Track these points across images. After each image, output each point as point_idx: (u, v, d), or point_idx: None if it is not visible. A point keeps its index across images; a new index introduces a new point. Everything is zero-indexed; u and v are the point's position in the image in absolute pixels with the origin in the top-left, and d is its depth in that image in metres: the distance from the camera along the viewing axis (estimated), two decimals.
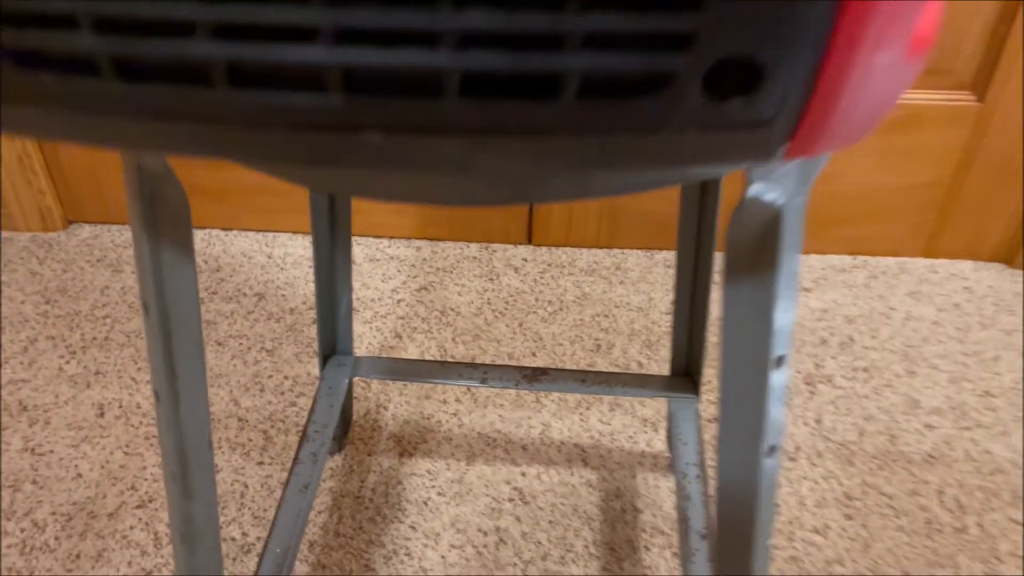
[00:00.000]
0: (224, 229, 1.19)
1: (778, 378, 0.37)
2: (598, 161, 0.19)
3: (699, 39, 0.17)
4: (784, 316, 0.36)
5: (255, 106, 0.19)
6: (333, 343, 0.81)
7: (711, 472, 0.83)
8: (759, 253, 0.33)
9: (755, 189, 0.32)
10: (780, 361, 0.37)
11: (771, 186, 0.32)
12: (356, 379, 0.97)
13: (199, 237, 1.17)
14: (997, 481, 0.89)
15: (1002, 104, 1.03)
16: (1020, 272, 1.15)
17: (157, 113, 0.19)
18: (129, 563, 0.80)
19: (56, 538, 0.82)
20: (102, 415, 0.93)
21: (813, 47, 0.18)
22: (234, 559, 0.80)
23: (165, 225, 0.37)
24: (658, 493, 0.87)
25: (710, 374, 0.98)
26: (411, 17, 0.17)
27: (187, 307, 0.39)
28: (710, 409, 0.94)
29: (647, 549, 0.82)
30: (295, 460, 0.74)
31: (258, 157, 0.20)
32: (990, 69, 1.01)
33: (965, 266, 1.16)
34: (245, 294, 1.09)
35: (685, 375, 0.81)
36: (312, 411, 0.78)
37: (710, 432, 0.91)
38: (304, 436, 0.76)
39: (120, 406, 0.94)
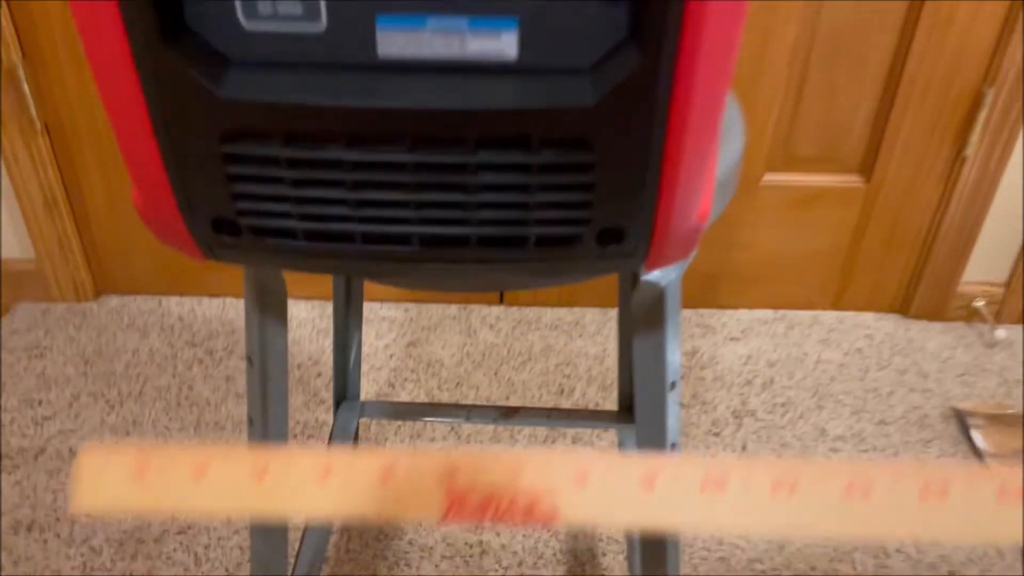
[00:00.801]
0: (237, 297, 1.36)
1: (673, 397, 0.57)
2: (543, 279, 0.38)
3: (593, 223, 0.37)
4: (673, 355, 0.55)
5: (375, 253, 0.38)
6: (344, 390, 0.99)
7: None
8: (653, 315, 0.53)
9: (646, 276, 0.52)
10: (674, 385, 0.57)
11: (656, 274, 0.51)
12: (362, 420, 1.15)
13: (216, 304, 1.35)
14: None
15: (885, 184, 1.25)
16: (912, 321, 1.37)
17: (329, 255, 0.38)
18: None
19: (112, 560, 0.97)
20: None
21: (648, 220, 0.38)
22: None
23: (268, 303, 0.55)
24: None
25: None
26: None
27: (278, 360, 0.57)
28: None
29: (603, 555, 1.00)
30: None
31: (373, 276, 0.39)
32: (873, 156, 1.24)
33: (867, 317, 1.38)
34: None
35: (629, 410, 1.00)
36: (329, 446, 0.96)
37: None
38: None
39: None
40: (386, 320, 1.34)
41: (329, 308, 1.35)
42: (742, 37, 1.13)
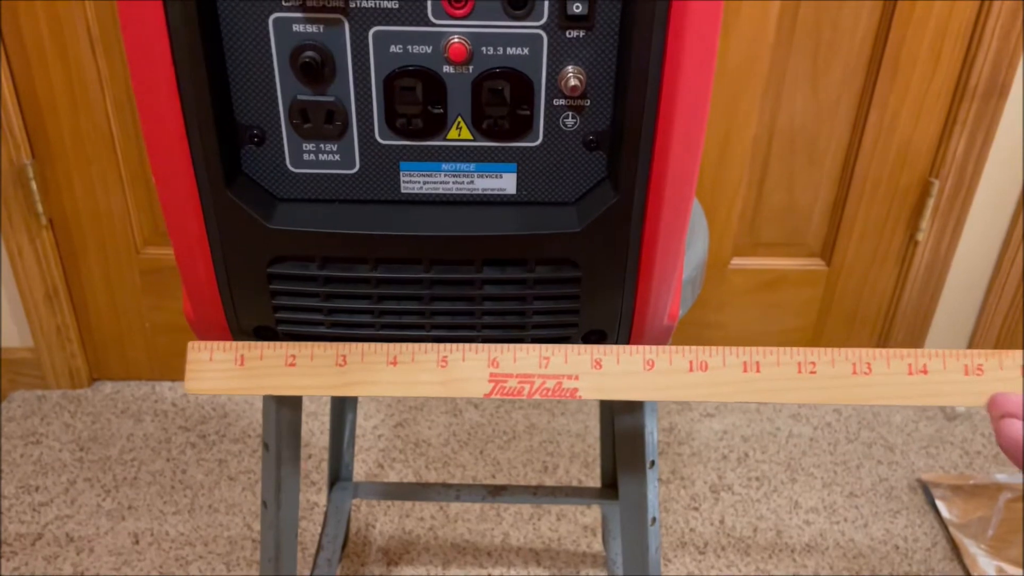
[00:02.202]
0: None
1: (652, 474, 0.63)
2: None
3: (580, 326, 0.44)
4: (651, 436, 0.61)
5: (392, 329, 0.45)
6: (338, 472, 1.04)
7: None
8: (632, 402, 0.59)
9: None
10: (652, 464, 0.62)
11: None
12: (353, 500, 1.19)
13: None
14: (859, 563, 1.13)
15: (844, 266, 1.34)
16: None
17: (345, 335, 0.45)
18: None
19: None
20: (137, 543, 1.12)
21: (627, 323, 0.45)
22: None
23: (283, 398, 0.61)
24: None
25: None
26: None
27: (293, 446, 0.63)
28: None
29: None
30: (314, 564, 0.95)
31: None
32: (832, 240, 1.33)
33: None
34: (250, 435, 1.30)
35: (612, 486, 1.05)
36: (324, 526, 1.00)
37: None
38: (320, 547, 0.97)
39: (152, 534, 1.13)
40: (374, 401, 1.38)
41: None
42: (703, 151, 1.22)
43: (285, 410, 0.60)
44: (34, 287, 1.28)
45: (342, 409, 1.00)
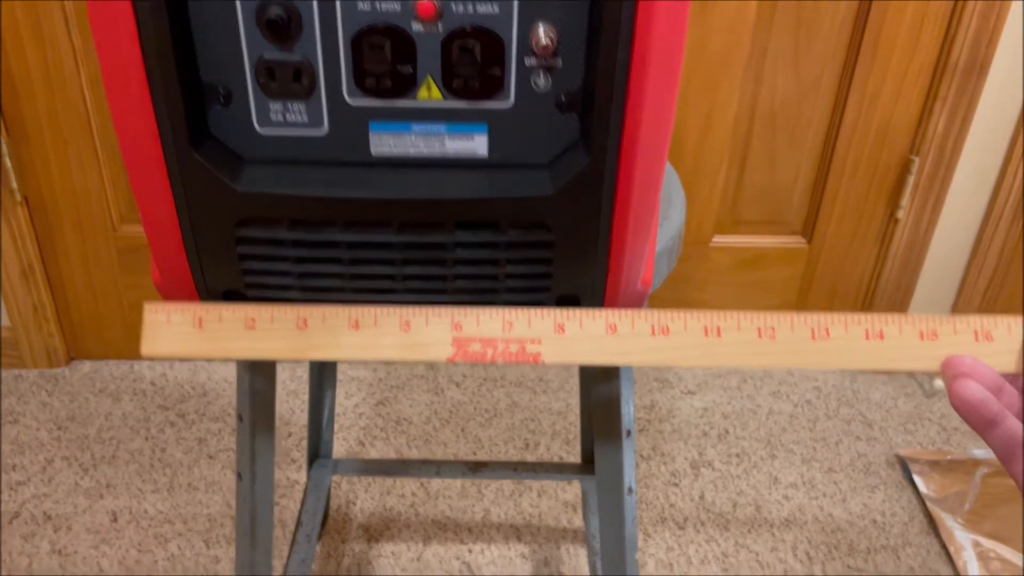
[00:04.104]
0: (207, 360, 1.40)
1: (628, 445, 0.63)
2: None
3: (553, 291, 0.44)
4: (627, 406, 0.61)
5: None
6: (317, 449, 1.03)
7: None
8: (608, 369, 0.59)
9: None
10: (629, 434, 0.62)
11: None
12: (333, 477, 1.18)
13: (187, 368, 1.38)
14: (837, 537, 1.15)
15: (825, 244, 1.35)
16: (856, 374, 1.45)
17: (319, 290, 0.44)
18: None
19: None
20: (115, 521, 1.12)
21: (600, 288, 0.45)
22: None
23: (258, 363, 0.60)
24: (578, 560, 1.09)
25: None
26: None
27: (267, 417, 0.62)
28: None
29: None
30: (293, 540, 0.95)
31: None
32: (813, 218, 1.33)
33: (815, 370, 1.45)
34: (229, 414, 1.30)
35: (592, 462, 1.05)
36: (303, 503, 0.99)
37: None
38: (299, 523, 0.97)
39: (131, 512, 1.13)
40: (355, 380, 1.38)
41: (299, 370, 1.39)
42: (675, 123, 1.22)
43: (259, 380, 0.60)
44: (9, 265, 1.27)
45: (321, 385, 0.99)
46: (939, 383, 1.41)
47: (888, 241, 1.34)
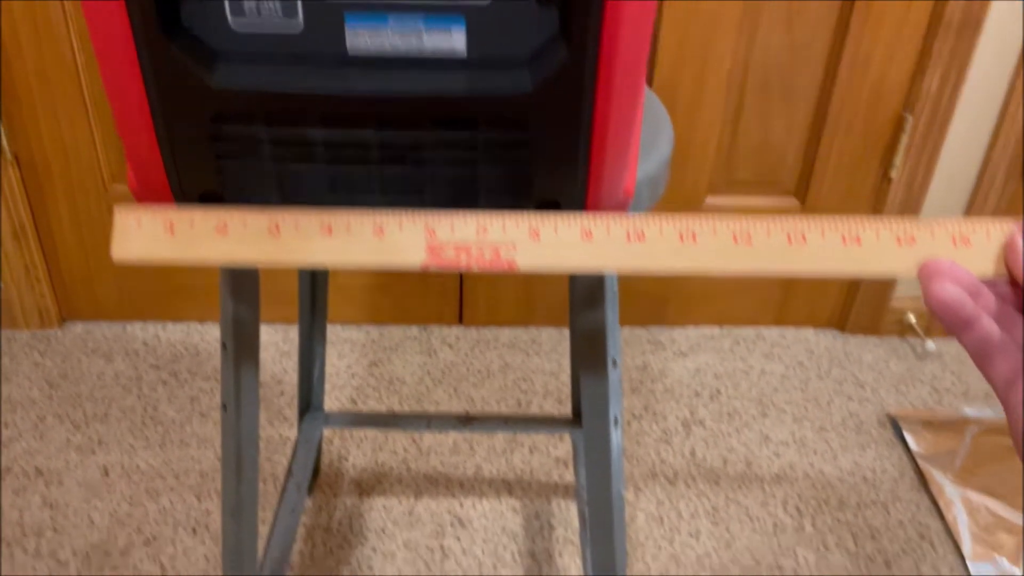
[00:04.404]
0: (200, 321, 1.40)
1: (614, 373, 0.63)
2: None
3: (532, 196, 0.43)
4: (613, 333, 0.61)
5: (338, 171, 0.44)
6: (308, 401, 1.03)
7: None
8: (593, 294, 0.59)
9: None
10: (615, 363, 0.62)
11: None
12: (324, 435, 1.18)
13: (180, 329, 1.38)
14: (827, 492, 1.15)
15: (819, 205, 1.34)
16: (849, 336, 1.45)
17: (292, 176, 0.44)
18: None
19: (78, 571, 0.99)
20: (107, 475, 1.12)
21: (581, 194, 0.44)
22: None
23: (242, 289, 0.60)
24: (569, 513, 1.10)
25: None
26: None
27: (250, 346, 0.62)
28: None
29: (560, 555, 1.04)
30: (283, 490, 0.95)
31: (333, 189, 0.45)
32: (806, 179, 1.33)
33: (807, 332, 1.45)
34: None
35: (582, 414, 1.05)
36: (294, 454, 0.99)
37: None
38: (289, 473, 0.97)
39: (122, 467, 1.13)
40: (348, 341, 1.38)
41: (291, 332, 1.39)
42: (668, 84, 1.21)
43: (242, 308, 0.60)
44: (1, 225, 1.26)
45: (311, 338, 0.99)
46: (931, 345, 1.41)
47: (881, 201, 1.33)
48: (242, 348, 0.61)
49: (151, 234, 0.42)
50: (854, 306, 1.43)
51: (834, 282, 1.42)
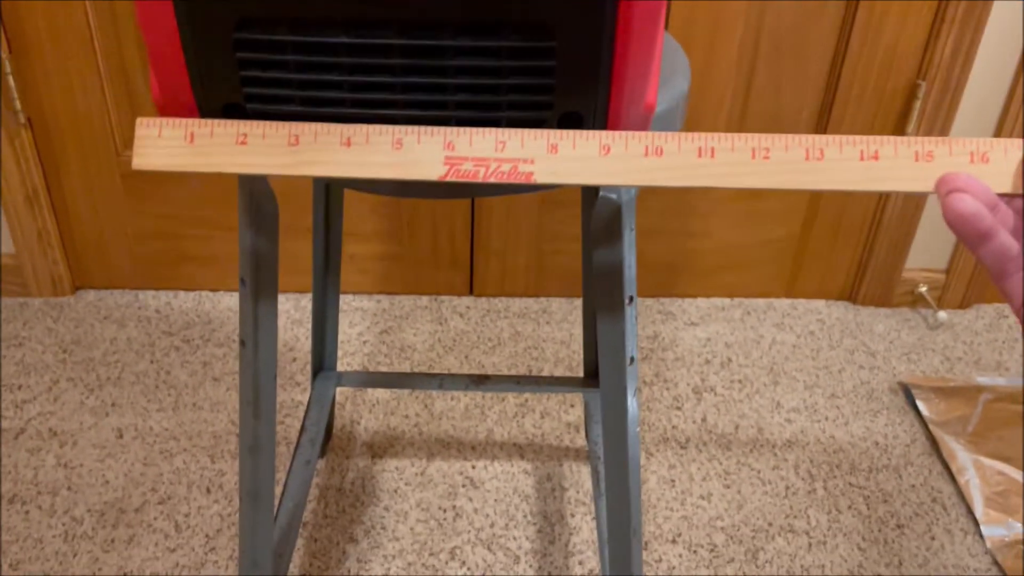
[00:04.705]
0: (212, 290, 1.40)
1: (630, 312, 0.63)
2: None
3: (556, 108, 0.44)
4: (630, 270, 0.61)
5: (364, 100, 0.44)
6: (321, 361, 1.03)
7: None
8: (611, 228, 0.59)
9: (604, 192, 0.58)
10: (631, 300, 0.62)
11: (613, 192, 0.58)
12: (336, 400, 1.19)
13: (191, 297, 1.39)
14: (839, 457, 1.15)
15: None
16: (860, 307, 1.45)
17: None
18: (156, 544, 0.98)
19: (93, 528, 1.00)
20: (121, 437, 1.12)
21: (604, 106, 0.45)
22: None
23: (261, 223, 0.60)
24: (580, 476, 1.10)
25: None
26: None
27: (269, 281, 0.62)
28: None
29: (572, 516, 1.05)
30: (297, 444, 0.95)
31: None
32: None
33: (818, 304, 1.45)
34: (233, 341, 1.30)
35: (595, 375, 1.05)
36: (307, 411, 1.00)
37: None
38: (303, 429, 0.97)
39: (136, 429, 1.13)
40: (359, 311, 1.38)
41: (302, 300, 1.39)
42: (694, 36, 1.21)
43: (261, 241, 0.60)
44: (14, 190, 1.27)
45: (324, 301, 0.99)
46: (943, 315, 1.40)
47: None
48: (261, 283, 0.61)
49: (171, 144, 0.42)
50: (865, 278, 1.42)
51: (844, 253, 1.42)
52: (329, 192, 0.90)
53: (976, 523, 1.05)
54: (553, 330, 1.36)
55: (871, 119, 1.29)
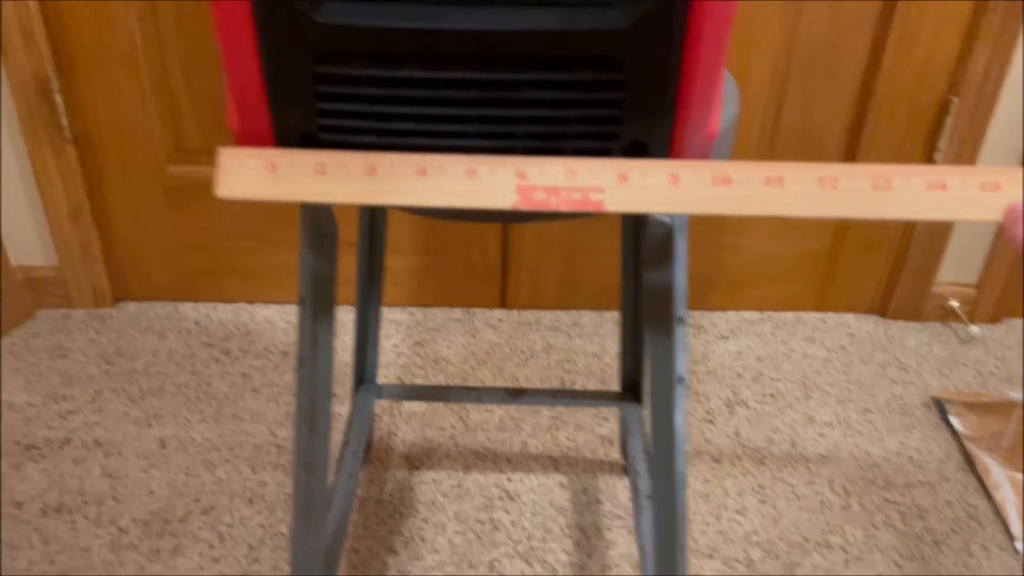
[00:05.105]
0: (250, 302, 1.43)
1: (680, 331, 0.64)
2: None
3: (622, 137, 0.45)
4: (681, 291, 0.62)
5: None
6: (362, 374, 1.05)
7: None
8: (663, 251, 0.60)
9: (657, 216, 0.59)
10: (681, 320, 0.64)
11: (664, 216, 0.59)
12: (375, 411, 1.20)
13: (229, 309, 1.41)
14: (873, 472, 1.15)
15: None
16: (891, 321, 1.45)
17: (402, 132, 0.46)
18: (200, 554, 1.00)
19: (139, 538, 1.02)
20: (164, 447, 1.14)
21: (667, 134, 0.46)
22: (286, 548, 1.01)
23: (322, 245, 0.62)
24: (616, 489, 1.11)
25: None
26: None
27: (328, 301, 0.64)
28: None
29: (608, 529, 1.05)
30: (341, 456, 0.97)
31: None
32: (850, 162, 1.33)
33: (848, 317, 1.45)
34: (272, 352, 1.32)
35: (631, 390, 1.06)
36: (350, 423, 1.01)
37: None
38: (346, 441, 0.99)
39: (179, 440, 1.16)
40: (393, 323, 1.40)
41: (340, 312, 1.41)
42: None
43: (321, 262, 0.62)
44: (59, 204, 1.30)
45: (366, 315, 1.01)
46: (975, 330, 1.40)
47: None
48: (320, 303, 0.63)
49: (254, 174, 0.44)
50: (896, 291, 1.42)
51: (875, 267, 1.42)
52: (374, 208, 0.92)
53: (1012, 540, 1.05)
54: (585, 343, 1.37)
55: (903, 135, 1.29)
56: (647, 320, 0.64)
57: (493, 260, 1.40)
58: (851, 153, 1.32)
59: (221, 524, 1.04)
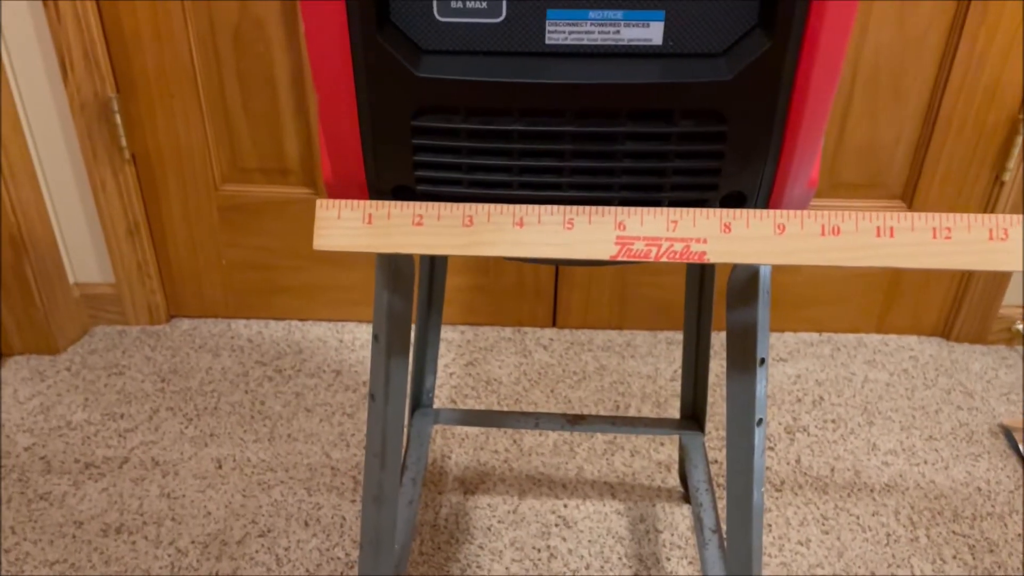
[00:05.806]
0: (301, 320, 1.43)
1: (761, 372, 0.62)
2: None
3: (720, 188, 0.43)
4: (763, 332, 0.60)
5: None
6: (419, 398, 1.05)
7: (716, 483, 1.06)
8: (748, 292, 0.58)
9: None
10: (763, 362, 0.62)
11: None
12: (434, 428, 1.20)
13: (281, 327, 1.41)
14: (941, 503, 1.12)
15: (926, 209, 1.31)
16: (955, 344, 1.41)
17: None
18: None
19: (198, 560, 1.02)
20: (220, 467, 1.15)
21: (768, 185, 0.44)
22: (343, 574, 1.01)
23: (398, 285, 0.61)
24: (674, 518, 1.09)
25: (709, 425, 1.21)
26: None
27: (402, 338, 0.63)
28: (711, 448, 1.17)
29: (668, 560, 1.03)
30: (400, 484, 0.96)
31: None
32: (914, 182, 1.29)
33: (910, 340, 1.42)
34: (324, 371, 1.32)
35: (692, 418, 1.04)
36: (407, 449, 1.01)
37: (714, 465, 1.14)
38: (404, 468, 0.98)
39: (235, 460, 1.16)
40: (444, 341, 1.39)
41: None
42: None
43: (397, 300, 0.61)
44: (116, 222, 1.31)
45: (425, 338, 1.00)
46: None
47: (992, 206, 1.29)
48: (394, 340, 0.62)
49: (350, 225, 0.43)
50: (960, 314, 1.38)
51: (938, 288, 1.38)
52: None
53: None
54: (638, 364, 1.35)
55: (971, 153, 1.26)
56: (728, 361, 0.62)
57: (545, 278, 1.39)
58: (915, 172, 1.28)
59: (278, 547, 1.04)
